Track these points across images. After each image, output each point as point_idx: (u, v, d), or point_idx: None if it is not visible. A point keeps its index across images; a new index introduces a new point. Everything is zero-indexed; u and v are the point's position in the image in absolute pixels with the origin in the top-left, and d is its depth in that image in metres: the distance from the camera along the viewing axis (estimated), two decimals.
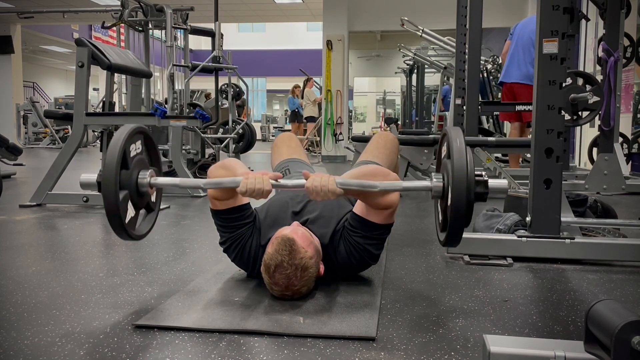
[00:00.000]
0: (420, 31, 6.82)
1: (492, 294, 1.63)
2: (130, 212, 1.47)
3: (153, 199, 1.61)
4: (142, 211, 1.58)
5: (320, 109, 9.65)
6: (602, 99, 3.30)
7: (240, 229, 1.63)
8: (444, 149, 1.49)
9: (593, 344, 0.86)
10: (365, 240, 1.60)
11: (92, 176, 1.50)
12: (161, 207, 3.20)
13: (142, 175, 1.49)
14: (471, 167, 1.32)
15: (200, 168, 4.57)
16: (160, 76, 8.61)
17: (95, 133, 9.75)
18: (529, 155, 3.47)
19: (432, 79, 11.58)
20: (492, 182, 1.39)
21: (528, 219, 2.04)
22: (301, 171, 2.07)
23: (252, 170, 1.64)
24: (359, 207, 1.61)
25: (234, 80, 6.58)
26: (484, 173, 1.39)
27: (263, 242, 1.62)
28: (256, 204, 1.75)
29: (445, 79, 8.32)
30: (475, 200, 1.34)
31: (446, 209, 1.39)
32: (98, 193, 1.44)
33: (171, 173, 4.32)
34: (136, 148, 1.50)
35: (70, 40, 13.53)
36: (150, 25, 5.58)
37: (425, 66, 9.29)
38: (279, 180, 1.48)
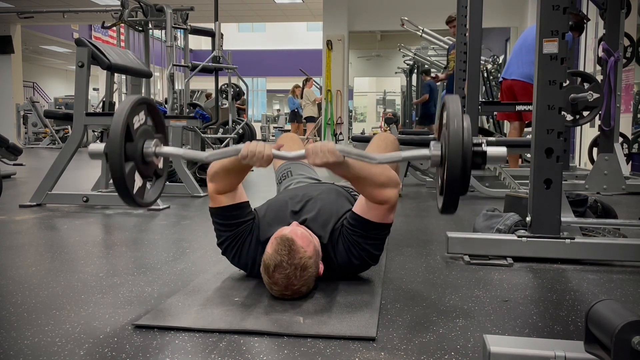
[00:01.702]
0: (420, 31, 6.82)
1: (492, 294, 1.63)
2: (138, 182, 1.53)
3: (160, 166, 1.65)
4: (150, 179, 1.62)
5: (320, 109, 9.65)
6: (601, 96, 3.31)
7: (239, 227, 1.63)
8: (444, 117, 1.49)
9: (593, 344, 0.86)
10: (365, 240, 1.60)
11: (100, 146, 1.53)
12: (161, 207, 3.21)
13: (147, 145, 1.53)
14: (468, 134, 1.30)
15: (200, 168, 4.57)
16: (160, 76, 8.61)
17: (95, 133, 9.74)
18: (529, 155, 3.47)
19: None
20: (490, 150, 1.37)
21: (528, 219, 2.04)
22: (303, 173, 2.07)
23: (252, 170, 1.65)
24: (358, 206, 1.61)
25: (234, 80, 6.59)
26: (482, 141, 1.37)
27: (262, 239, 1.62)
28: (254, 203, 1.75)
29: None
30: (473, 167, 1.33)
31: (444, 177, 1.39)
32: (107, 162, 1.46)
33: (171, 173, 4.32)
34: (140, 119, 1.53)
35: (70, 40, 13.54)
36: (150, 25, 5.58)
37: (425, 66, 9.29)
38: (280, 149, 1.49)
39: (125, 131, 1.42)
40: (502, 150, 1.38)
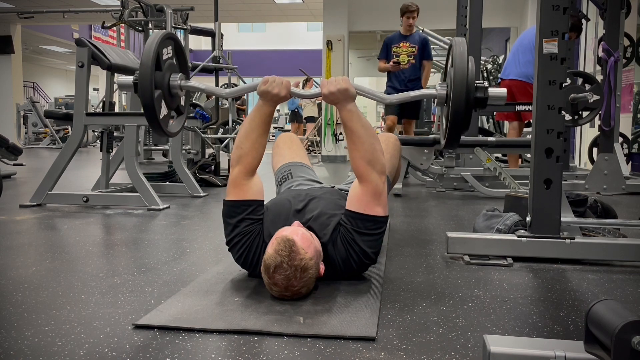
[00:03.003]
0: (420, 31, 6.81)
1: (492, 294, 1.63)
2: (164, 110, 1.63)
3: (182, 102, 1.77)
4: (173, 113, 1.75)
5: (320, 109, 9.65)
6: (602, 98, 3.31)
7: (252, 224, 1.63)
8: (450, 59, 1.59)
9: (593, 344, 0.86)
10: (358, 235, 1.59)
11: (128, 78, 1.66)
12: (161, 207, 3.21)
13: (173, 77, 1.65)
14: (472, 74, 1.41)
15: (200, 168, 4.57)
16: None
17: (95, 133, 9.74)
18: (529, 155, 3.47)
19: (432, 79, 11.57)
20: (492, 90, 1.48)
21: (528, 219, 2.04)
22: (304, 175, 2.07)
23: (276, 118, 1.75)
24: (350, 203, 1.63)
25: (234, 80, 6.59)
26: (485, 82, 1.48)
27: (266, 239, 1.62)
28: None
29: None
30: (475, 105, 1.44)
31: (449, 114, 1.50)
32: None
33: (171, 173, 4.32)
34: (167, 52, 1.62)
35: (70, 40, 13.54)
36: (150, 25, 5.58)
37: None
38: (294, 88, 1.65)
39: (155, 60, 1.53)
40: (502, 90, 1.52)
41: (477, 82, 1.44)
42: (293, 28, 18.49)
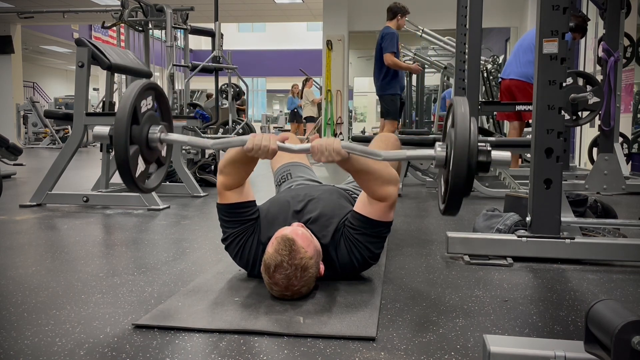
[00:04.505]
0: (420, 31, 6.81)
1: (492, 294, 1.63)
2: (141, 166, 1.51)
3: (163, 153, 1.64)
4: (153, 165, 1.61)
5: (319, 109, 9.65)
6: (602, 100, 3.30)
7: (243, 224, 1.64)
8: (450, 118, 1.48)
9: (593, 344, 0.86)
10: (366, 238, 1.60)
11: (104, 128, 1.52)
12: (161, 207, 3.21)
13: (152, 130, 1.52)
14: (474, 136, 1.29)
15: (200, 168, 4.57)
16: (160, 76, 8.61)
17: None
18: (529, 155, 3.47)
19: (432, 79, 11.57)
20: (495, 153, 1.36)
21: (528, 219, 2.04)
22: (303, 175, 2.07)
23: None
24: (359, 205, 1.62)
25: (234, 80, 6.59)
26: (487, 143, 1.37)
27: (263, 240, 1.62)
28: (259, 201, 1.75)
29: (446, 79, 8.32)
30: (477, 170, 1.31)
31: (448, 178, 1.37)
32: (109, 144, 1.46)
33: (171, 173, 4.32)
34: (147, 104, 1.52)
35: (70, 40, 13.53)
36: (150, 25, 5.58)
37: (425, 66, 9.28)
38: (285, 142, 1.51)
39: (132, 113, 1.42)
40: (506, 154, 1.39)
41: (479, 144, 1.33)
42: (293, 28, 18.48)
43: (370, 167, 1.54)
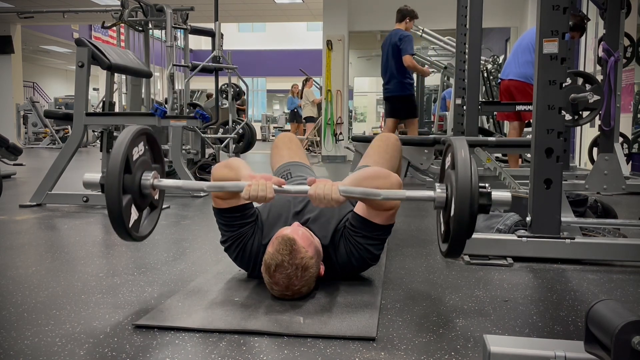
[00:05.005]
0: (420, 31, 6.82)
1: (492, 294, 1.63)
2: (134, 215, 1.48)
3: (156, 197, 1.61)
4: (146, 211, 1.58)
5: (319, 109, 9.65)
6: (602, 98, 3.30)
7: (242, 227, 1.63)
8: (448, 159, 1.47)
9: (593, 344, 0.86)
10: (366, 240, 1.60)
11: (95, 176, 1.48)
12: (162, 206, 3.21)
13: (145, 177, 1.49)
14: (475, 179, 1.30)
15: (200, 168, 4.57)
16: (160, 76, 8.61)
17: (95, 133, 9.75)
18: (529, 155, 3.47)
19: (432, 79, 11.57)
20: (496, 195, 1.37)
21: (528, 219, 2.04)
22: (303, 175, 2.06)
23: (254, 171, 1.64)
24: (360, 208, 1.62)
25: (234, 80, 6.59)
26: (487, 185, 1.37)
27: (264, 242, 1.62)
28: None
29: (446, 79, 8.32)
30: (477, 212, 1.32)
31: (449, 220, 1.38)
32: (100, 193, 1.43)
33: (171, 173, 4.32)
34: (139, 150, 1.49)
35: (70, 40, 13.53)
36: (150, 25, 5.58)
37: (425, 66, 9.28)
38: (282, 186, 1.48)
39: (124, 163, 1.39)
40: (506, 195, 1.39)
41: (480, 187, 1.33)
42: (293, 28, 18.47)
43: (372, 193, 1.51)
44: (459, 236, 1.33)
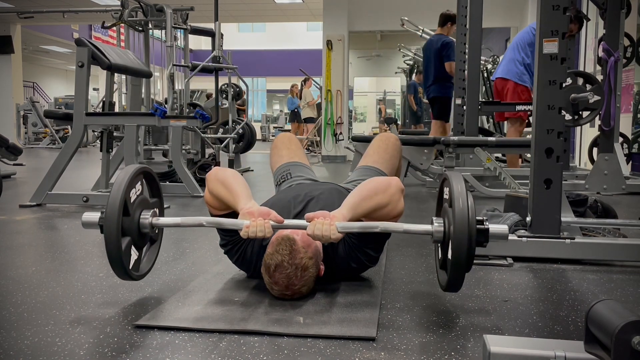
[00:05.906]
0: (420, 31, 6.82)
1: (492, 294, 1.63)
2: (134, 255, 1.49)
3: (156, 230, 1.61)
4: (145, 247, 1.59)
5: (319, 109, 9.65)
6: (602, 98, 3.30)
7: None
8: (445, 193, 1.48)
9: (593, 344, 0.86)
10: (367, 243, 1.60)
11: (94, 216, 1.46)
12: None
13: (143, 216, 1.49)
14: (473, 215, 1.31)
15: (200, 168, 4.57)
16: (160, 76, 8.61)
17: (95, 133, 9.74)
18: (529, 155, 3.47)
19: None
20: (493, 229, 1.38)
21: (528, 219, 2.04)
22: (302, 175, 2.06)
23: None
24: None
25: (234, 80, 6.59)
26: (484, 219, 1.38)
27: (265, 242, 1.62)
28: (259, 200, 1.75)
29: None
30: (476, 246, 1.33)
31: (447, 253, 1.39)
32: (101, 234, 1.42)
33: (171, 173, 4.32)
34: (137, 191, 1.49)
35: (70, 40, 13.53)
36: (150, 25, 5.58)
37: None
38: (280, 223, 1.47)
39: (122, 206, 1.39)
40: (503, 227, 1.40)
41: (478, 225, 1.34)
42: (293, 28, 18.47)
43: (372, 207, 1.51)
44: (459, 272, 1.34)
